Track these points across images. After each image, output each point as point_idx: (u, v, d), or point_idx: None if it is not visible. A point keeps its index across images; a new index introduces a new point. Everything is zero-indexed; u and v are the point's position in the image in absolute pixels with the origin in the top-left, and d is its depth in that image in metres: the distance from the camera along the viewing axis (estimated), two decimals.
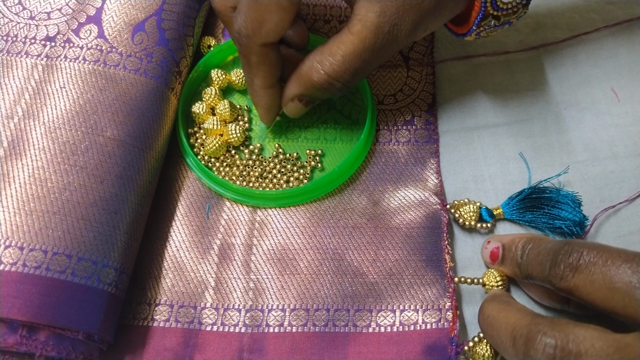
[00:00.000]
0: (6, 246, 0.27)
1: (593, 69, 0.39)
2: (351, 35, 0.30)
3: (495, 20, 0.31)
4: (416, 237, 0.33)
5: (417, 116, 0.37)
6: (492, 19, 0.31)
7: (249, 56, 0.31)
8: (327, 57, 0.30)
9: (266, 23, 0.29)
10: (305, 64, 0.32)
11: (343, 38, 0.30)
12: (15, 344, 0.26)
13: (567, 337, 0.23)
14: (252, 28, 0.29)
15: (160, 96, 0.34)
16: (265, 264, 0.33)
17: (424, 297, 0.31)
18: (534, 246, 0.29)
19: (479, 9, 0.31)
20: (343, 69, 0.30)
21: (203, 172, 0.34)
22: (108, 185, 0.30)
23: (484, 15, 0.31)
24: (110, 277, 0.29)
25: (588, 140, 0.37)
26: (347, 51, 0.30)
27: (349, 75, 0.31)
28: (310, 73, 0.31)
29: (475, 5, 0.31)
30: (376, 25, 0.29)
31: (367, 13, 0.29)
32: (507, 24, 0.32)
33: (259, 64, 0.31)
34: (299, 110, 0.34)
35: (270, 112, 0.35)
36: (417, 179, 0.35)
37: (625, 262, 0.24)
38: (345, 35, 0.30)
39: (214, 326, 0.31)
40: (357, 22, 0.30)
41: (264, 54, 0.31)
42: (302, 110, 0.34)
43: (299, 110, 0.34)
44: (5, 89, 0.32)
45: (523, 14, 0.32)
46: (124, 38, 0.34)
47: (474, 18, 0.31)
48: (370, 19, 0.29)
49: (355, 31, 0.30)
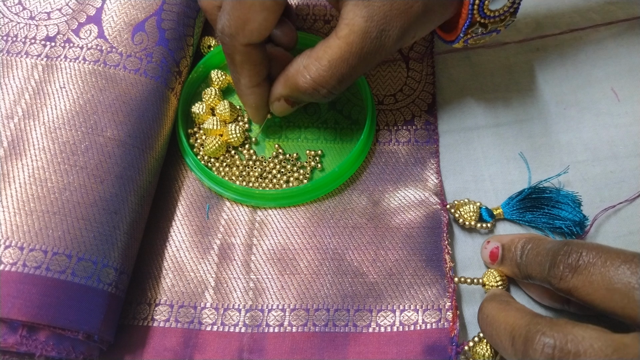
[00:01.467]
0: (6, 246, 0.27)
1: (593, 69, 0.39)
2: (338, 39, 0.29)
3: (482, 28, 0.31)
4: (416, 237, 0.33)
5: (417, 116, 0.37)
6: (480, 27, 0.31)
7: (233, 55, 0.31)
8: (313, 62, 0.30)
9: (250, 23, 0.29)
10: (292, 66, 0.31)
11: (330, 42, 0.30)
12: (15, 344, 0.26)
13: (566, 337, 0.23)
14: (235, 27, 0.29)
15: (160, 96, 0.34)
16: (265, 264, 0.33)
17: (424, 297, 0.31)
18: (534, 246, 0.29)
19: (466, 16, 0.30)
20: (329, 74, 0.30)
21: (203, 172, 0.34)
22: (108, 185, 0.30)
23: (471, 22, 0.30)
24: (110, 277, 0.29)
25: (588, 140, 0.37)
26: (333, 56, 0.29)
27: (335, 81, 0.30)
28: (296, 77, 0.31)
29: (462, 13, 0.30)
30: (363, 30, 0.29)
31: (355, 17, 0.29)
32: (495, 32, 0.32)
33: (243, 64, 0.31)
34: (284, 109, 0.34)
35: (258, 111, 0.35)
36: (417, 179, 0.35)
37: (624, 262, 0.24)
38: (333, 40, 0.30)
39: (214, 326, 0.31)
40: (344, 26, 0.29)
41: (248, 53, 0.30)
42: (288, 110, 0.34)
43: (284, 109, 0.34)
44: (5, 89, 0.32)
45: (511, 22, 0.31)
46: (124, 38, 0.34)
47: (462, 25, 0.31)
48: (357, 24, 0.29)
49: (343, 35, 0.29)
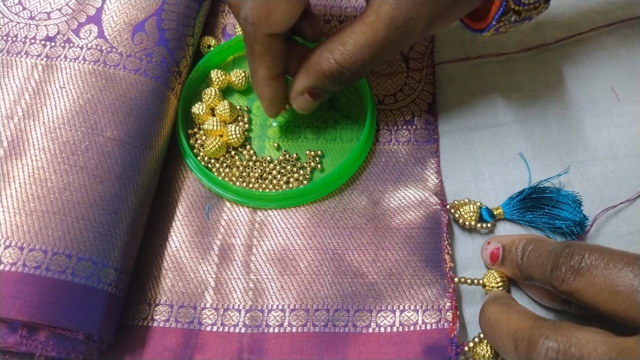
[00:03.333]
0: (6, 246, 0.27)
1: (593, 69, 0.39)
2: (364, 25, 0.29)
3: (516, 16, 0.30)
4: (416, 237, 0.33)
5: (417, 116, 0.37)
6: (513, 14, 0.30)
7: (254, 45, 0.30)
8: (337, 47, 0.30)
9: (274, 12, 0.28)
10: (315, 54, 0.31)
11: (355, 28, 0.30)
12: (15, 344, 0.26)
13: (570, 340, 0.23)
14: (258, 16, 0.29)
15: (160, 96, 0.34)
16: (265, 264, 0.33)
17: (424, 297, 0.31)
18: (535, 248, 0.29)
19: (499, 3, 0.30)
20: (354, 58, 0.30)
21: (203, 173, 0.34)
22: (108, 185, 0.30)
23: (505, 10, 0.30)
24: (110, 277, 0.29)
25: (588, 140, 0.37)
26: (358, 41, 0.29)
27: (359, 65, 0.30)
28: (319, 62, 0.31)
29: (495, 0, 0.30)
30: (390, 17, 0.29)
31: (382, 5, 0.29)
32: (527, 19, 0.31)
33: (262, 54, 0.31)
34: (308, 104, 0.33)
35: (273, 105, 0.34)
36: (417, 179, 0.35)
37: (626, 265, 0.24)
38: (358, 26, 0.29)
39: (214, 326, 0.31)
40: (371, 12, 0.29)
41: (269, 44, 0.30)
42: (311, 105, 0.33)
43: (308, 104, 0.33)
44: (5, 89, 0.32)
45: (544, 9, 0.31)
46: (124, 38, 0.34)
47: (494, 13, 0.30)
48: (384, 11, 0.29)
49: (369, 22, 0.29)
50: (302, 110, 0.34)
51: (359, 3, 0.41)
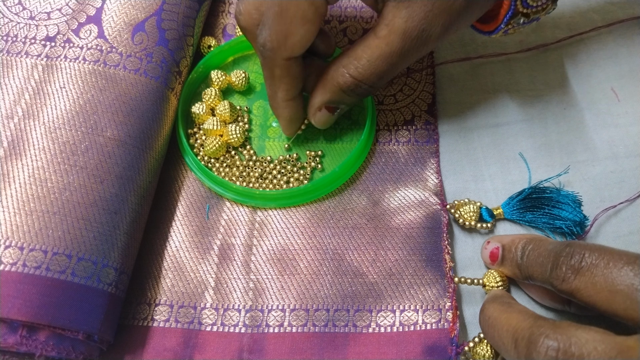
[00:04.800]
0: (6, 246, 0.27)
1: (593, 69, 0.39)
2: (377, 39, 0.29)
3: (524, 18, 0.31)
4: (416, 237, 0.33)
5: (417, 116, 0.37)
6: (522, 17, 0.31)
7: (273, 69, 0.31)
8: (352, 61, 0.30)
9: (291, 36, 0.29)
10: (330, 69, 0.31)
11: (369, 42, 0.30)
12: (15, 344, 0.26)
13: (570, 340, 0.23)
14: (277, 41, 0.29)
15: (160, 96, 0.34)
16: (265, 264, 0.33)
17: (424, 297, 0.31)
18: (535, 247, 0.29)
19: (508, 6, 0.30)
20: (369, 72, 0.30)
21: (203, 172, 0.34)
22: (108, 185, 0.30)
23: (514, 13, 0.30)
24: (110, 277, 0.29)
25: (588, 140, 0.37)
26: (372, 55, 0.30)
27: (375, 77, 0.31)
28: (336, 77, 0.31)
29: (504, 4, 0.30)
30: (403, 30, 0.29)
31: (394, 18, 0.29)
32: (535, 20, 0.32)
33: (282, 77, 0.31)
34: (326, 119, 0.34)
35: (292, 124, 0.35)
36: (417, 179, 0.35)
37: (627, 264, 0.24)
38: (372, 40, 0.30)
39: (214, 326, 0.31)
40: (384, 26, 0.29)
41: (288, 67, 0.30)
42: (330, 119, 0.34)
43: (326, 119, 0.34)
44: (5, 89, 0.32)
45: (552, 10, 0.31)
46: (124, 38, 0.34)
47: (503, 16, 0.30)
48: (397, 24, 0.29)
49: (382, 35, 0.29)
50: (321, 125, 0.34)
51: (359, 3, 0.41)
